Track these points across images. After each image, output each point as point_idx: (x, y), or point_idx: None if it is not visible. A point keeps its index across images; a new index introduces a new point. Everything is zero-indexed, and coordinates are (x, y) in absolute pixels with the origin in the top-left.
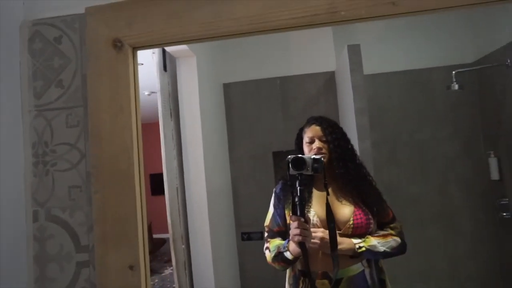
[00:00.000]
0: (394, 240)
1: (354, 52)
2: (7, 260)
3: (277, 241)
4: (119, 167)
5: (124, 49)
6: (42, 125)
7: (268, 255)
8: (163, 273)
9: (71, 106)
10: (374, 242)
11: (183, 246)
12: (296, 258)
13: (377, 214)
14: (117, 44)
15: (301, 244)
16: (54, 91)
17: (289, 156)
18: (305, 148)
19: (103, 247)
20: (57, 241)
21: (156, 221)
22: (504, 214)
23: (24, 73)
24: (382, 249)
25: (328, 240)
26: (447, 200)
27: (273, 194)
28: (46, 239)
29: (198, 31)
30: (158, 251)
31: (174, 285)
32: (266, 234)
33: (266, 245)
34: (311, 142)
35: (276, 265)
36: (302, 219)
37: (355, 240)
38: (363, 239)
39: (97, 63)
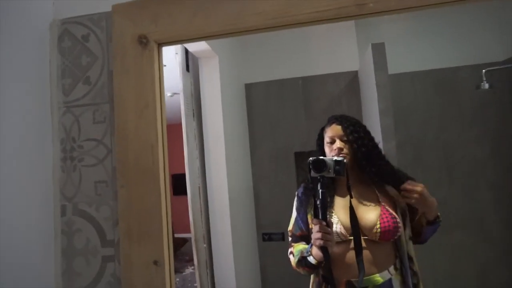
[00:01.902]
0: None
1: (379, 51)
2: (36, 254)
3: (301, 246)
4: (144, 163)
5: (149, 46)
6: (70, 121)
7: (293, 259)
8: (184, 272)
9: (98, 102)
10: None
11: (205, 245)
12: (320, 263)
13: (410, 211)
14: (143, 41)
15: (323, 249)
16: (81, 88)
17: (310, 158)
18: (326, 149)
19: (128, 242)
20: (84, 235)
21: (177, 221)
22: None
23: (53, 71)
24: None
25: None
26: (476, 205)
27: (296, 198)
28: (73, 233)
29: (222, 26)
30: (179, 250)
31: (195, 285)
32: (290, 239)
33: (290, 249)
34: (332, 142)
35: (300, 270)
36: (324, 223)
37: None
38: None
39: (123, 60)
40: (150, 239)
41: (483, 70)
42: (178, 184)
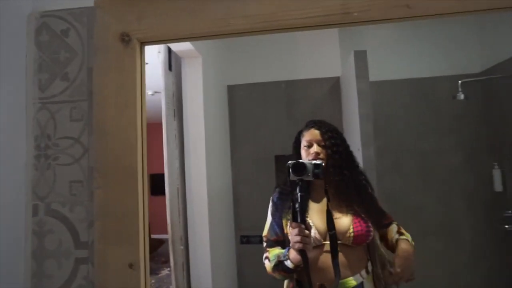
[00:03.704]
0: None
1: (361, 58)
2: (5, 254)
3: (277, 250)
4: (123, 164)
5: (132, 44)
6: (46, 117)
7: (268, 264)
8: (160, 274)
9: (76, 99)
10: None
11: (182, 247)
12: (297, 267)
13: (375, 219)
14: (125, 38)
15: (301, 252)
16: (59, 84)
17: (290, 161)
18: (303, 153)
19: (103, 243)
20: (56, 236)
21: (154, 222)
22: (507, 226)
23: (29, 65)
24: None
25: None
26: (450, 211)
27: (270, 203)
28: (45, 234)
29: (209, 28)
30: (155, 251)
31: (170, 286)
32: (264, 244)
33: (265, 254)
34: (309, 146)
35: (276, 275)
36: (303, 226)
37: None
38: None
39: (104, 57)
40: (126, 241)
41: (459, 81)
42: (156, 184)
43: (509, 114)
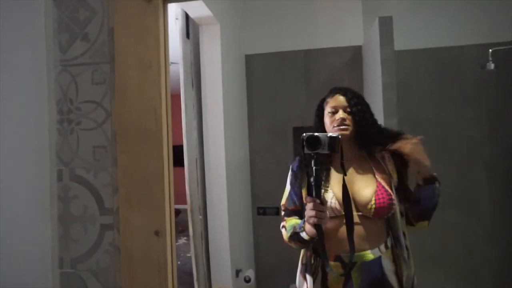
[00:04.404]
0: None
1: (386, 24)
2: (31, 219)
3: (294, 220)
4: (147, 127)
5: (154, 1)
6: (67, 81)
7: (285, 233)
8: (177, 242)
9: (97, 61)
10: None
11: (201, 217)
12: (312, 239)
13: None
14: None
15: (316, 226)
16: (79, 45)
17: (304, 134)
18: (327, 120)
19: (127, 210)
20: (81, 202)
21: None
22: None
23: (48, 25)
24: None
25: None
26: (469, 183)
27: (290, 171)
28: (70, 199)
29: None
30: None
31: (188, 255)
32: (283, 213)
33: (282, 223)
34: (334, 112)
35: (292, 244)
36: (318, 201)
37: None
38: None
39: (125, 15)
40: (151, 209)
41: (490, 50)
42: (174, 156)
43: None
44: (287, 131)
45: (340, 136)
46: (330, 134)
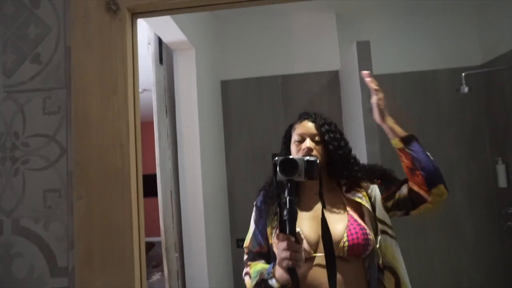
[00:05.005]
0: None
1: (363, 48)
2: None
3: (259, 265)
4: (111, 165)
5: (120, 14)
6: (12, 110)
7: (249, 282)
8: (150, 279)
9: (51, 87)
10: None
11: (176, 254)
12: (283, 287)
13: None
14: (112, 8)
15: (290, 270)
16: (28, 67)
17: (277, 157)
18: (293, 148)
19: (87, 271)
20: (26, 261)
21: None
22: (511, 223)
23: None
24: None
25: None
26: (451, 207)
27: (254, 208)
28: (12, 258)
29: None
30: (145, 255)
31: None
32: (246, 257)
33: (245, 270)
34: (301, 141)
35: None
36: (293, 239)
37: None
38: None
39: (86, 31)
40: (117, 269)
41: (463, 73)
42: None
43: (511, 107)
44: (266, 158)
45: (318, 160)
46: (307, 157)
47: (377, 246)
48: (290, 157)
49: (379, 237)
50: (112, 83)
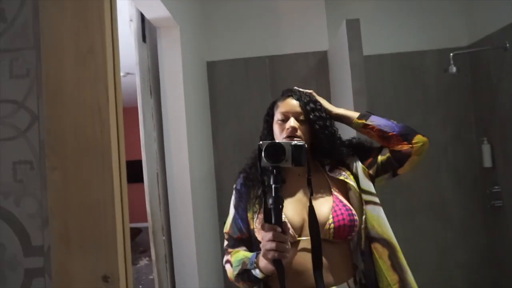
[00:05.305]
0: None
1: (353, 27)
2: None
3: (241, 253)
4: (89, 133)
5: None
6: None
7: (230, 271)
8: (138, 264)
9: (18, 47)
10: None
11: (164, 238)
12: (267, 277)
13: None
14: None
15: (276, 262)
16: None
17: (262, 142)
18: (276, 128)
19: (63, 249)
20: None
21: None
22: (495, 202)
23: None
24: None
25: None
26: (437, 188)
27: (233, 192)
28: None
29: None
30: (133, 241)
31: (150, 277)
32: (226, 243)
33: (226, 257)
34: (285, 120)
35: (240, 285)
36: (279, 229)
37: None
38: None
39: None
40: (97, 246)
41: (451, 54)
42: (132, 171)
43: (497, 88)
44: (254, 141)
45: (306, 145)
46: (294, 142)
47: (363, 221)
48: (277, 141)
49: (364, 212)
50: (87, 41)
